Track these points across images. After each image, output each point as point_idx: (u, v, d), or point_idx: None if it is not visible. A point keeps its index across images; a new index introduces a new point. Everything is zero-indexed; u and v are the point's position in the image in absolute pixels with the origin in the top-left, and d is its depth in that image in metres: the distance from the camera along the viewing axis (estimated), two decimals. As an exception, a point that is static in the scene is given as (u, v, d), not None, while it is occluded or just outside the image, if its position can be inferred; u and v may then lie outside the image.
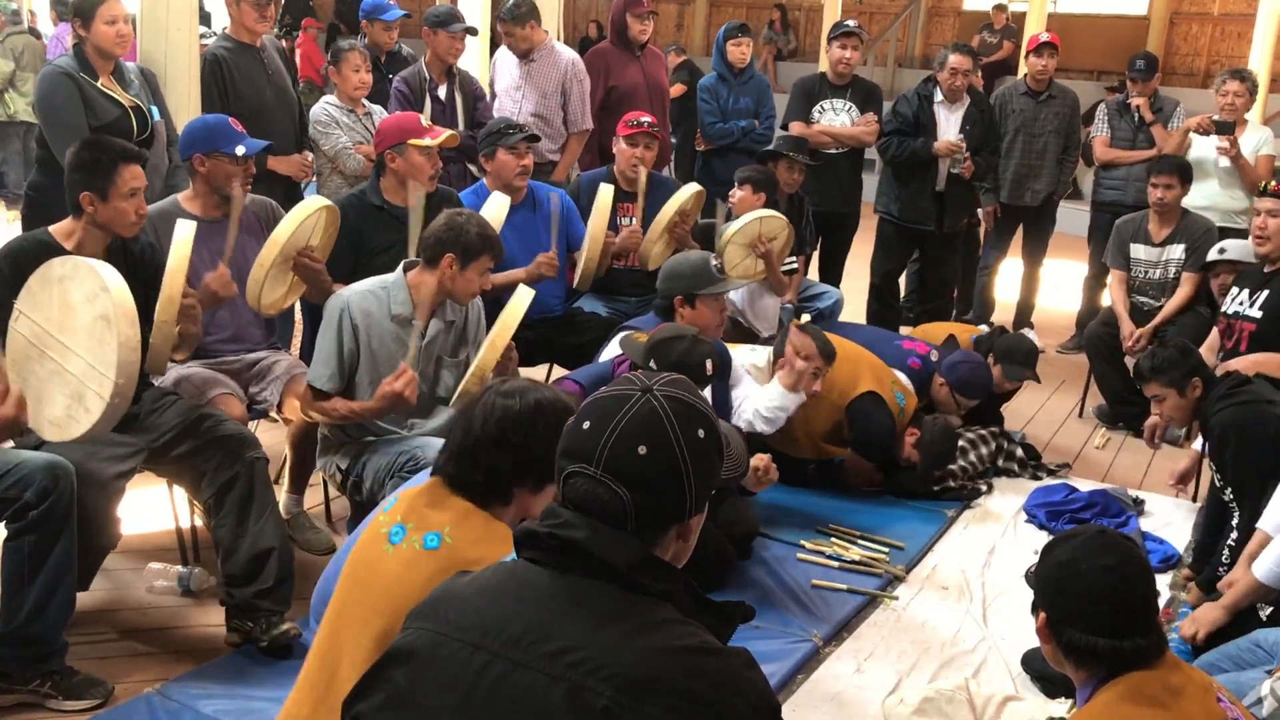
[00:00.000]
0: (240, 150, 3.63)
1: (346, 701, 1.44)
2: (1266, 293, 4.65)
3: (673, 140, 7.88)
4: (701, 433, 1.43)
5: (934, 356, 4.82)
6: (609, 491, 1.40)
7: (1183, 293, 5.41)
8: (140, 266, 3.23)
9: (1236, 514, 3.51)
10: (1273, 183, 4.43)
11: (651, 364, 3.33)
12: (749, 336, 5.05)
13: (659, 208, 4.79)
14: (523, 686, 1.33)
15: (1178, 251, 5.44)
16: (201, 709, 2.88)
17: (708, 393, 3.60)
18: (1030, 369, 4.95)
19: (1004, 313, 6.95)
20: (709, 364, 3.39)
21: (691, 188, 4.87)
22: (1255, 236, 4.50)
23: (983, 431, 4.88)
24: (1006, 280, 6.93)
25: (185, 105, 4.52)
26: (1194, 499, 4.66)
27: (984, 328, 6.75)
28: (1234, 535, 3.49)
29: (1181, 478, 4.20)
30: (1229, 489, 3.55)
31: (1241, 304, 4.72)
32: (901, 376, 4.64)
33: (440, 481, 2.14)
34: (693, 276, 3.91)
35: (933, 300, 6.42)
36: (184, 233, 3.16)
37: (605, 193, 4.57)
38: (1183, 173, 5.43)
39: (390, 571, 2.03)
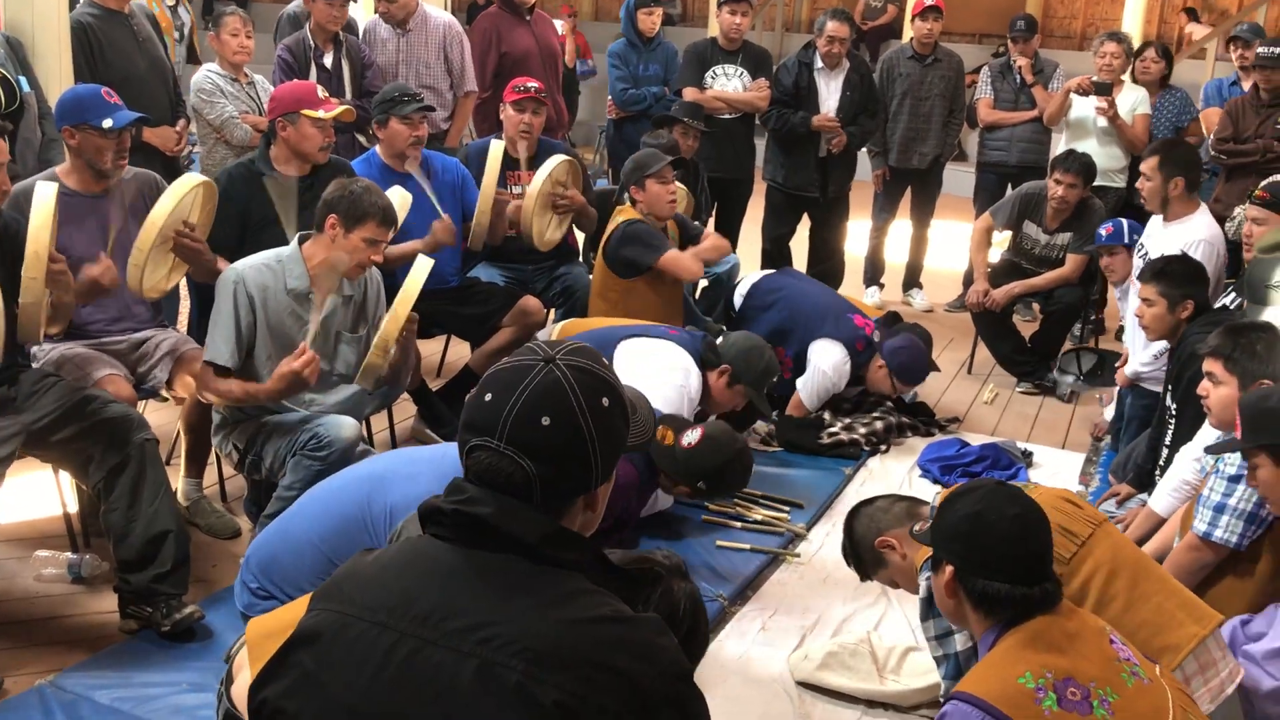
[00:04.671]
0: (108, 123, 3.42)
1: (253, 687, 1.41)
2: None
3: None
4: (606, 401, 1.42)
5: (876, 338, 4.83)
6: (512, 464, 1.38)
7: (1064, 271, 5.52)
8: (4, 241, 3.09)
9: (1172, 430, 3.67)
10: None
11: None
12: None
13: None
14: (432, 665, 1.31)
15: (1067, 238, 5.55)
16: (98, 699, 2.80)
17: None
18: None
19: (893, 274, 7.08)
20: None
21: (559, 158, 4.66)
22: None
23: (881, 412, 4.92)
24: (895, 241, 7.06)
25: (56, 76, 4.33)
26: (1062, 445, 4.95)
27: (873, 290, 6.92)
28: (1165, 452, 3.66)
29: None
30: (1174, 405, 3.68)
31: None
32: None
33: None
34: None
35: (823, 263, 6.51)
36: (45, 192, 3.02)
37: (496, 148, 4.50)
38: (1088, 174, 5.42)
39: None
